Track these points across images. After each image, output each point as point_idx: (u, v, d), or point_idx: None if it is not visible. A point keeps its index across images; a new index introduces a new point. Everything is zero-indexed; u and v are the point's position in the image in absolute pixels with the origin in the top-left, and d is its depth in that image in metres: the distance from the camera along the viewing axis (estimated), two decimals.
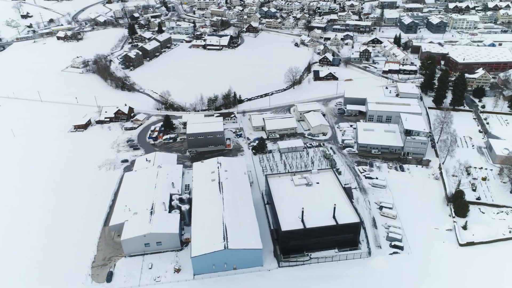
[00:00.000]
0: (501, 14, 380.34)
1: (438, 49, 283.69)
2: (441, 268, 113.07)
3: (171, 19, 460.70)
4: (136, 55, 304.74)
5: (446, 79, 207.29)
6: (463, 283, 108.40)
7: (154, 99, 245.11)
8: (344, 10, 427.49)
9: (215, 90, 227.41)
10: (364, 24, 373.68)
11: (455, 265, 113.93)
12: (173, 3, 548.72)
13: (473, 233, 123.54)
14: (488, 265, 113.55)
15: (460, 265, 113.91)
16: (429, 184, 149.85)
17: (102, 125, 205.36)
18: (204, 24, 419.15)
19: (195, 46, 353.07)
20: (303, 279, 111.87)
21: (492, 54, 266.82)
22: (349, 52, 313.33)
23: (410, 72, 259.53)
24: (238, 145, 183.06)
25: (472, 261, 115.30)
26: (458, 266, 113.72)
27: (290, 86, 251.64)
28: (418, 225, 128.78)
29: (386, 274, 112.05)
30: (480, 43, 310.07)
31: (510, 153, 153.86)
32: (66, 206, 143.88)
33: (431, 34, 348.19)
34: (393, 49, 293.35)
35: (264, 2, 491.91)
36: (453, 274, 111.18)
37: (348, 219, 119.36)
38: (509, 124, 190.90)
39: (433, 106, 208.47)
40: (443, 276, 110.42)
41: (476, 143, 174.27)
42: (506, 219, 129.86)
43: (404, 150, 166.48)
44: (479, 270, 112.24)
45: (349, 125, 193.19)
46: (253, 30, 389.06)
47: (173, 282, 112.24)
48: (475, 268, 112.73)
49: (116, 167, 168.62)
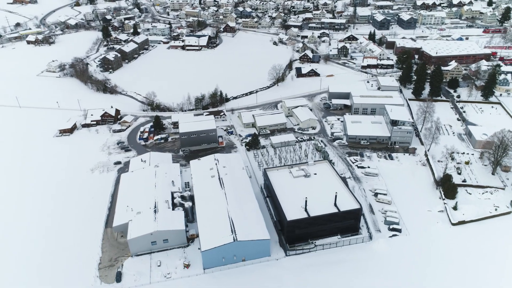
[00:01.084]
0: (465, 10, 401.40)
1: (412, 44, 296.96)
2: (437, 247, 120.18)
3: (145, 20, 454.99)
4: (115, 58, 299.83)
5: (424, 72, 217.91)
6: (459, 259, 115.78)
7: (138, 100, 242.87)
8: (318, 8, 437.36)
9: (200, 90, 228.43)
10: (339, 22, 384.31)
11: (450, 243, 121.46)
12: (146, 4, 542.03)
13: (463, 212, 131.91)
14: (479, 242, 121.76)
15: (454, 243, 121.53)
16: (418, 170, 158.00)
17: (89, 129, 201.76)
18: (180, 25, 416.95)
19: (173, 47, 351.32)
20: (310, 266, 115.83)
21: (461, 48, 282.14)
22: (327, 49, 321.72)
23: (388, 67, 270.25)
24: (230, 142, 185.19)
25: (465, 238, 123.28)
26: (453, 244, 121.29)
27: (274, 83, 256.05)
28: (412, 208, 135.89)
29: (387, 255, 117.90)
30: (449, 38, 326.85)
31: (488, 138, 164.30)
32: (63, 210, 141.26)
33: (403, 30, 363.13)
34: (369, 45, 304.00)
35: (239, 2, 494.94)
36: (449, 251, 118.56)
37: (349, 206, 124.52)
38: (483, 111, 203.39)
39: (413, 98, 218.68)
40: (440, 254, 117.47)
41: (456, 131, 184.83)
42: (491, 198, 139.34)
43: (391, 140, 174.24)
44: (472, 246, 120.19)
45: (337, 119, 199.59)
46: (230, 30, 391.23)
47: (184, 277, 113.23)
48: (468, 245, 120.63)
49: (109, 169, 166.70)
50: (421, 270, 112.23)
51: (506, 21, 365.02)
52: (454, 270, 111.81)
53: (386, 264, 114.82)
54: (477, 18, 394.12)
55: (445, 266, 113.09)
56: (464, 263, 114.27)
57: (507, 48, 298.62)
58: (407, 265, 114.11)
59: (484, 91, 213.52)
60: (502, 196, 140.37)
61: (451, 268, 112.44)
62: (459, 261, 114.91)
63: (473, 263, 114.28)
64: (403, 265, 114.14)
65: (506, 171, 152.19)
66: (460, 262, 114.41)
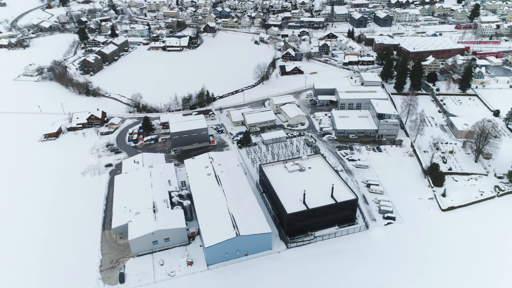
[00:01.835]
0: (437, 7, 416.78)
1: (390, 41, 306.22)
2: (430, 232, 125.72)
3: (123, 22, 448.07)
4: (95, 60, 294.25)
5: (405, 67, 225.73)
6: (451, 242, 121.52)
7: (123, 102, 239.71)
8: (296, 8, 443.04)
9: (185, 90, 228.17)
10: (318, 20, 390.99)
11: (442, 228, 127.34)
12: (121, 6, 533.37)
13: (452, 199, 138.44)
14: (468, 225, 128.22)
15: (446, 228, 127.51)
16: (406, 161, 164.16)
17: (76, 132, 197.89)
18: (159, 26, 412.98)
19: (154, 48, 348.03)
20: (311, 256, 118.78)
21: (437, 43, 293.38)
22: (308, 47, 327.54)
23: (368, 63, 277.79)
24: (221, 141, 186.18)
25: (455, 223, 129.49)
26: (444, 228, 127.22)
27: (259, 81, 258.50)
28: (403, 197, 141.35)
29: (385, 243, 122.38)
30: (424, 34, 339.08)
31: (470, 128, 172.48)
32: (58, 215, 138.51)
33: (379, 28, 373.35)
34: (349, 42, 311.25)
35: (217, 2, 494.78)
36: (441, 236, 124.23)
37: (345, 196, 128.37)
38: (462, 103, 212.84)
39: (395, 92, 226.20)
40: (433, 239, 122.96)
41: (438, 122, 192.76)
42: (476, 184, 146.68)
43: (379, 133, 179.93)
44: (462, 230, 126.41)
45: (324, 114, 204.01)
46: (210, 30, 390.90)
47: (188, 274, 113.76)
48: (459, 229, 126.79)
49: (100, 172, 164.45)
50: (418, 255, 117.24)
51: (475, 17, 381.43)
52: (448, 252, 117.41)
53: (384, 251, 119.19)
54: (448, 15, 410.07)
55: (440, 250, 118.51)
56: (457, 245, 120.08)
57: (478, 43, 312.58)
58: (404, 251, 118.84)
59: (461, 84, 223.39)
60: (486, 181, 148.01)
61: (446, 251, 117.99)
62: (452, 244, 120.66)
63: (465, 245, 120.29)
64: (401, 251, 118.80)
65: (488, 158, 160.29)
66: (453, 245, 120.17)
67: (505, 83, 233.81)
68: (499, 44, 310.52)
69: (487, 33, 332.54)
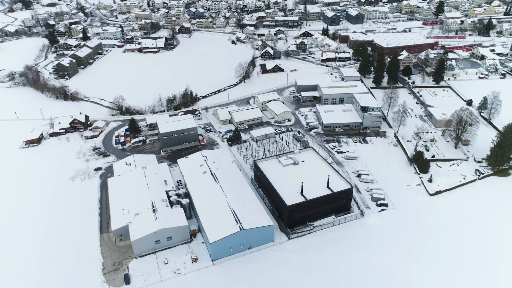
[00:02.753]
0: (404, 5, 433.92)
1: (364, 38, 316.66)
2: (421, 216, 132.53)
3: (93, 24, 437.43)
4: (70, 63, 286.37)
5: (383, 62, 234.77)
6: (441, 224, 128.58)
7: (104, 106, 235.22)
8: (270, 7, 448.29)
9: (166, 91, 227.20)
10: (292, 19, 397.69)
11: (431, 211, 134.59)
12: (90, 8, 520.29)
13: (438, 184, 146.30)
14: (455, 207, 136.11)
15: (435, 211, 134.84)
16: (391, 151, 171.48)
17: (59, 137, 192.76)
18: (133, 28, 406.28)
19: (129, 50, 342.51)
20: (312, 246, 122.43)
21: (408, 39, 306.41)
22: (284, 45, 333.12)
23: (345, 59, 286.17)
24: (211, 140, 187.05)
25: (443, 205, 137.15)
26: (434, 211, 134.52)
27: (241, 80, 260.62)
28: (393, 184, 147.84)
29: (380, 228, 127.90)
30: (394, 30, 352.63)
31: (448, 118, 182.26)
32: (53, 222, 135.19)
33: (352, 25, 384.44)
34: (325, 40, 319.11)
35: (189, 2, 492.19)
36: (432, 218, 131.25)
37: (341, 186, 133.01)
38: (437, 95, 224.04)
39: (374, 86, 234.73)
40: (425, 222, 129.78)
41: (417, 113, 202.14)
42: (458, 169, 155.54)
43: (363, 125, 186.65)
44: (450, 212, 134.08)
45: (309, 110, 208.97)
46: (185, 31, 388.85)
47: (194, 271, 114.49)
48: (446, 211, 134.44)
49: (90, 176, 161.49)
50: (412, 238, 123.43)
51: (440, 13, 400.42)
52: (440, 233, 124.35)
53: (380, 236, 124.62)
54: (415, 11, 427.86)
55: (432, 231, 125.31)
56: (447, 226, 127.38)
57: (445, 38, 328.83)
58: (399, 235, 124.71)
59: (435, 76, 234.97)
60: (467, 166, 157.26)
61: (437, 232, 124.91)
62: (442, 225, 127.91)
63: (454, 225, 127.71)
64: (396, 235, 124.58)
65: (466, 144, 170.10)
66: (443, 226, 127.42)
67: (474, 75, 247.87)
68: (465, 38, 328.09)
69: (453, 28, 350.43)
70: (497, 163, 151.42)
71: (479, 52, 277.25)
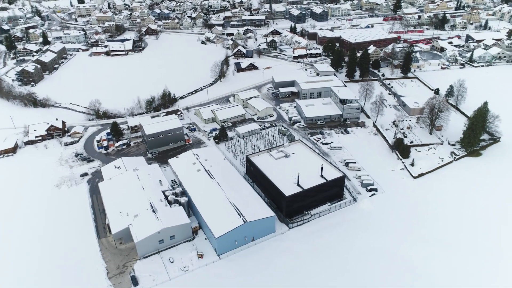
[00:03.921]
0: (364, 2, 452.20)
1: (331, 34, 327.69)
2: (409, 196, 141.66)
3: (52, 28, 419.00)
4: (35, 69, 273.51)
5: (354, 56, 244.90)
6: (428, 202, 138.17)
7: (77, 111, 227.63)
8: (235, 7, 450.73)
9: (141, 93, 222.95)
10: (259, 18, 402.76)
11: (417, 192, 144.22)
12: (46, 12, 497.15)
13: (420, 167, 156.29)
14: (438, 187, 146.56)
15: (420, 191, 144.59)
16: (372, 139, 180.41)
17: (36, 145, 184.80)
18: (96, 31, 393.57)
19: (96, 54, 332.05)
20: (312, 233, 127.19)
21: (373, 34, 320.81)
22: (255, 44, 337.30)
23: (316, 55, 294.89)
24: (197, 139, 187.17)
25: (427, 186, 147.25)
26: (420, 192, 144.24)
27: (217, 79, 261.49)
28: (378, 170, 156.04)
29: (373, 211, 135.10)
30: (358, 27, 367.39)
31: (421, 106, 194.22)
32: (46, 231, 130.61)
33: (317, 22, 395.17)
34: (294, 37, 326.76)
35: (152, 4, 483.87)
36: (419, 198, 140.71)
37: (333, 175, 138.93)
38: (406, 85, 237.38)
39: (347, 80, 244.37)
40: (413, 202, 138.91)
41: (391, 103, 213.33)
42: (435, 153, 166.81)
43: (344, 117, 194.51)
44: (433, 191, 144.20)
45: (289, 105, 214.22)
46: (152, 32, 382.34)
47: (201, 267, 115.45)
48: (430, 191, 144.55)
49: (77, 182, 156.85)
50: (404, 217, 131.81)
51: (398, 10, 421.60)
52: (429, 211, 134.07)
53: (375, 218, 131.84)
54: (375, 8, 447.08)
55: (421, 210, 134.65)
56: (433, 204, 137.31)
57: (406, 32, 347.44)
58: (392, 216, 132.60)
59: (403, 68, 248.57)
60: (443, 149, 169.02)
61: (426, 210, 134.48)
62: (429, 203, 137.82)
63: (439, 203, 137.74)
64: (389, 216, 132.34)
65: (439, 130, 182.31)
66: (430, 204, 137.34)
67: (437, 65, 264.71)
68: (423, 32, 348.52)
69: (412, 23, 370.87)
70: (469, 145, 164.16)
71: (438, 45, 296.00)
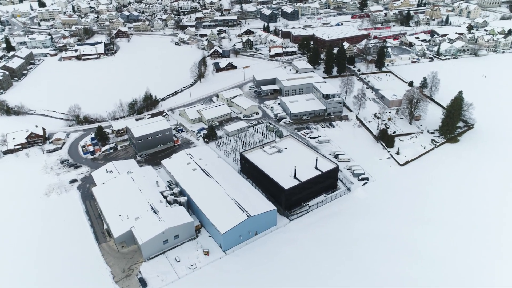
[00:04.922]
0: (331, 1, 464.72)
1: (304, 32, 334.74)
2: (398, 183, 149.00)
3: (14, 33, 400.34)
4: (3, 76, 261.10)
5: (331, 53, 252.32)
6: (417, 187, 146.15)
7: (53, 117, 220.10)
8: (206, 8, 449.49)
9: (119, 96, 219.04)
10: (231, 18, 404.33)
11: (406, 179, 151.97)
12: (4, 16, 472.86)
13: (405, 155, 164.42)
14: (424, 172, 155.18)
15: (408, 178, 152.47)
16: (357, 132, 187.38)
17: (17, 154, 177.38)
18: (63, 35, 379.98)
19: (66, 58, 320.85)
20: (313, 223, 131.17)
21: (345, 31, 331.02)
22: (229, 44, 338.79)
23: (292, 53, 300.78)
24: (185, 139, 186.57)
25: (413, 172, 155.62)
26: (408, 178, 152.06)
27: (196, 80, 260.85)
28: (366, 160, 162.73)
29: (368, 199, 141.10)
30: (329, 25, 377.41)
31: (399, 98, 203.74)
32: (43, 241, 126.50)
33: (289, 21, 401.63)
34: (269, 36, 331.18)
35: (119, 6, 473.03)
36: (408, 184, 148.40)
37: (327, 167, 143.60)
38: (381, 79, 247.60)
39: (325, 76, 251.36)
40: (403, 187, 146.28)
41: (370, 96, 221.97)
42: (417, 141, 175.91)
43: (327, 111, 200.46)
44: (420, 176, 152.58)
45: (273, 102, 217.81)
46: (123, 35, 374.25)
47: (209, 263, 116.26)
48: (417, 176, 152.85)
49: (67, 189, 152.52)
50: (397, 202, 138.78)
51: (365, 7, 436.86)
52: (418, 195, 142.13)
53: (371, 205, 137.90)
54: (342, 7, 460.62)
55: (411, 195, 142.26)
56: (422, 188, 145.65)
57: (375, 29, 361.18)
58: (385, 202, 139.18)
59: (377, 63, 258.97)
60: (423, 138, 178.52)
61: (415, 194, 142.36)
62: (418, 188, 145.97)
63: (426, 186, 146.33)
64: (383, 202, 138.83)
65: (418, 119, 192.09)
66: (419, 189, 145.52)
67: (407, 60, 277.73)
68: (390, 29, 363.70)
69: (379, 20, 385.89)
70: (448, 132, 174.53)
71: (407, 40, 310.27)
